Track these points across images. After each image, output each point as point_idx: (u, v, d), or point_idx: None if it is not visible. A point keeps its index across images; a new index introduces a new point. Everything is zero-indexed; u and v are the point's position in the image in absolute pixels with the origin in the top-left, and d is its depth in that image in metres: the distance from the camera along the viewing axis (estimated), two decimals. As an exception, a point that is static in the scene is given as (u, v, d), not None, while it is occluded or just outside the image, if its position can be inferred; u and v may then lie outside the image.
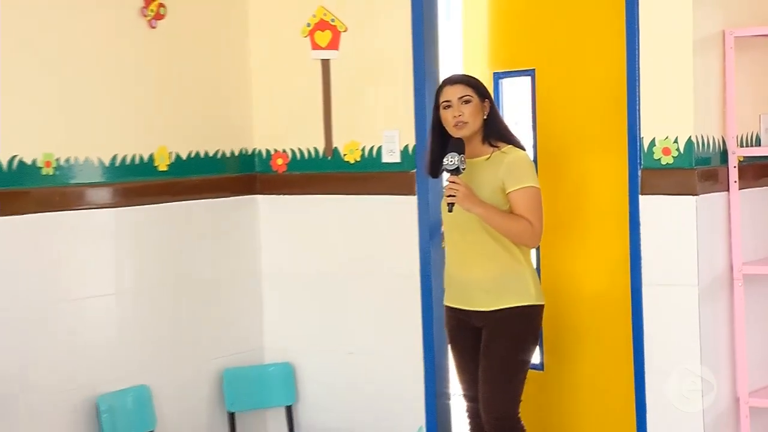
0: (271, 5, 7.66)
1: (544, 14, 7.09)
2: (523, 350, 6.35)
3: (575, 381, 7.01)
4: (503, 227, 6.15)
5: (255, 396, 7.63)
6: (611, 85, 6.72)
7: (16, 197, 6.33)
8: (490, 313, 6.26)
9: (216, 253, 7.58)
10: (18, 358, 6.35)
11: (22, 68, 6.40)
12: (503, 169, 6.19)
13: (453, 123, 6.19)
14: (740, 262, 6.59)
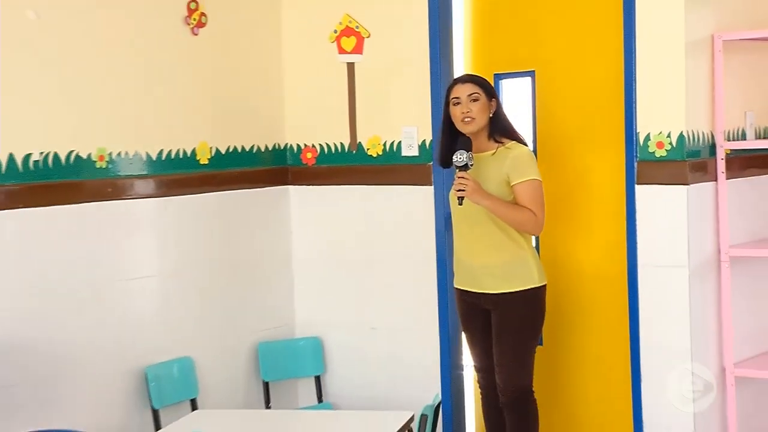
0: (301, 13, 7.66)
1: (543, 18, 7.09)
2: (531, 330, 6.42)
3: (574, 355, 7.05)
4: (509, 217, 6.19)
5: (287, 367, 7.67)
6: (608, 85, 6.74)
7: (73, 188, 6.39)
8: (498, 296, 6.31)
9: (251, 238, 7.61)
10: (77, 332, 6.41)
11: (78, 73, 6.43)
12: (508, 164, 6.24)
13: (461, 119, 6.24)
14: (727, 246, 6.65)
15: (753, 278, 6.95)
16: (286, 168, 7.83)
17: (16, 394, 5.98)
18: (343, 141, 7.63)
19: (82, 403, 6.41)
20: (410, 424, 5.88)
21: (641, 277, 6.61)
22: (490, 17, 7.29)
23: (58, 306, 6.36)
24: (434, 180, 7.22)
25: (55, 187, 6.32)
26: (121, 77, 6.68)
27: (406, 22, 7.28)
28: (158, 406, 6.73)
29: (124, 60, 6.70)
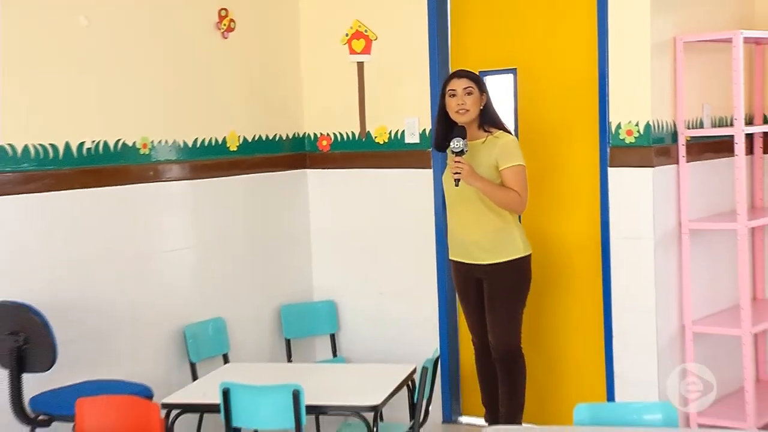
0: (317, 19, 7.71)
1: (524, 21, 7.14)
2: (519, 294, 6.51)
3: (555, 315, 7.13)
4: (497, 198, 6.28)
5: (306, 326, 7.74)
6: (583, 81, 6.84)
7: (120, 172, 6.50)
8: (488, 266, 6.40)
9: (274, 215, 7.66)
10: (125, 296, 6.53)
11: (124, 72, 6.53)
12: (497, 150, 6.32)
13: (456, 110, 6.33)
14: (687, 220, 6.78)
15: (709, 248, 7.03)
16: (305, 154, 7.86)
17: (75, 349, 6.03)
18: (353, 130, 7.68)
19: (130, 357, 6.52)
20: (413, 375, 5.97)
21: (613, 247, 6.71)
22: (475, 21, 7.30)
23: (109, 273, 6.47)
24: (433, 164, 7.28)
25: (104, 171, 6.43)
26: (161, 75, 6.78)
27: (408, 27, 7.34)
28: (195, 360, 6.84)
29: (164, 60, 6.80)
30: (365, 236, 7.71)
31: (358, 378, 6.29)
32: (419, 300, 7.50)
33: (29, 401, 5.74)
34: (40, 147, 6.08)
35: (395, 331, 7.59)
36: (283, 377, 5.69)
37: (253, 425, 5.65)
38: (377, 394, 5.63)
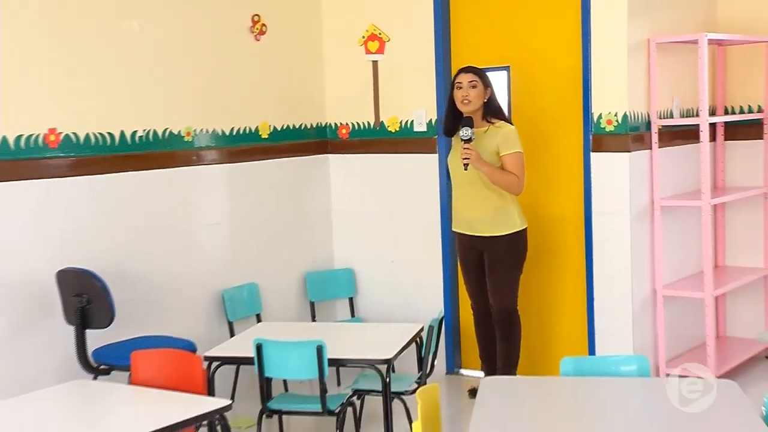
0: (337, 24, 7.70)
1: (517, 25, 7.12)
2: (516, 263, 6.59)
3: (545, 280, 7.14)
4: (499, 180, 6.36)
5: (328, 290, 7.76)
6: (569, 77, 6.88)
7: (167, 157, 6.59)
8: (489, 239, 6.48)
9: (300, 194, 7.67)
10: (172, 263, 6.64)
11: (170, 70, 6.60)
12: (499, 139, 6.39)
13: (461, 100, 6.41)
14: (659, 198, 6.87)
15: (677, 222, 7.12)
16: (326, 141, 7.87)
17: (130, 309, 6.14)
18: (369, 120, 7.68)
19: (177, 316, 6.62)
20: (420, 333, 6.01)
21: (594, 221, 6.79)
22: (474, 25, 7.29)
23: (158, 244, 6.57)
24: (438, 149, 7.29)
25: (153, 156, 6.51)
26: (202, 73, 6.84)
27: (417, 30, 7.35)
28: (232, 319, 6.92)
29: (205, 60, 6.86)
30: (379, 212, 7.71)
31: (373, 335, 6.36)
32: (426, 268, 7.52)
33: (92, 353, 5.86)
34: (99, 135, 6.17)
35: (405, 295, 7.60)
36: (308, 334, 5.76)
37: (282, 376, 5.80)
38: (389, 349, 5.68)
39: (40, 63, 5.88)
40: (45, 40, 5.91)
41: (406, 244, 7.64)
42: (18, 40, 5.75)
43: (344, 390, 6.19)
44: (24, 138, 5.79)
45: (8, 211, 5.75)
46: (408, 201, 7.53)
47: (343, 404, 5.70)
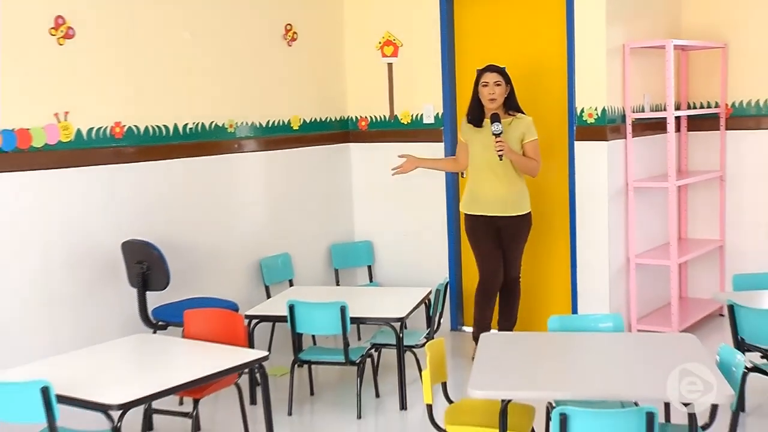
0: (357, 31, 7.67)
1: (510, 31, 7.09)
2: (525, 239, 6.56)
3: (534, 250, 7.03)
4: (524, 166, 6.31)
5: (349, 259, 7.74)
6: (556, 76, 6.88)
7: (213, 145, 6.62)
8: (509, 218, 6.39)
9: (325, 177, 7.65)
10: (218, 238, 6.68)
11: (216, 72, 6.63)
12: (523, 128, 6.32)
13: (488, 97, 6.29)
14: (632, 180, 6.91)
15: (647, 200, 7.16)
16: (348, 132, 7.84)
17: (183, 274, 6.19)
18: (385, 114, 7.66)
19: (222, 281, 6.67)
20: (429, 296, 6.08)
21: (577, 200, 6.84)
22: (474, 32, 7.25)
23: (206, 219, 6.61)
24: (444, 139, 7.30)
25: (202, 145, 6.55)
26: (243, 74, 6.86)
27: (426, 37, 7.33)
28: (268, 283, 6.95)
29: (245, 63, 6.88)
30: (393, 192, 7.66)
31: (388, 297, 6.41)
32: (433, 240, 7.53)
33: (152, 312, 5.94)
34: (157, 127, 6.22)
35: (416, 263, 7.59)
36: (333, 297, 5.78)
37: (311, 331, 5.83)
38: (402, 309, 5.77)
39: (108, 68, 5.94)
40: (113, 49, 5.97)
41: (416, 220, 7.63)
42: (90, 51, 5.81)
43: (364, 344, 6.20)
44: (95, 130, 5.84)
45: (82, 192, 5.81)
46: (418, 183, 7.44)
47: (362, 356, 5.78)
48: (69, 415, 4.21)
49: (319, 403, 6.03)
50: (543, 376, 4.15)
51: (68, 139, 5.70)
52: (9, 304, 5.47)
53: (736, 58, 7.40)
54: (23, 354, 5.23)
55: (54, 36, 5.62)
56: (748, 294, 5.34)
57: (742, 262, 7.32)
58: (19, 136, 5.45)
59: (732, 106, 7.47)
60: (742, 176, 7.49)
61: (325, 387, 6.30)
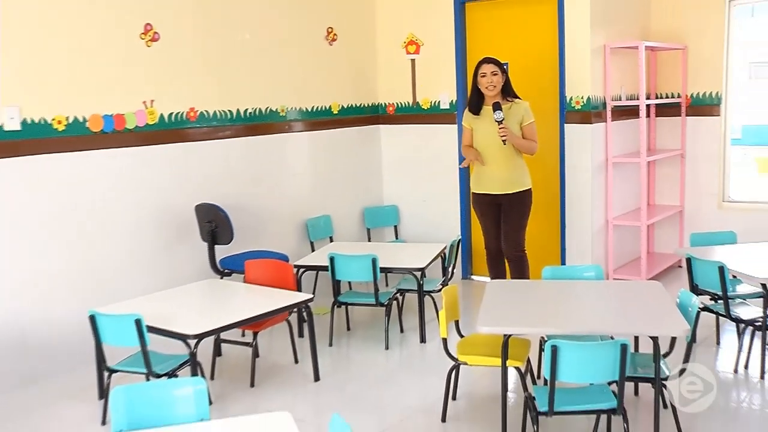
0: (387, 33, 7.62)
1: (511, 32, 7.01)
2: (526, 214, 6.04)
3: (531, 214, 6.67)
4: (525, 147, 5.88)
5: (379, 220, 7.74)
6: (549, 70, 6.83)
7: (268, 127, 6.67)
8: (508, 195, 5.93)
9: (360, 152, 7.63)
10: (272, 202, 6.72)
11: (271, 66, 6.65)
12: (522, 112, 5.88)
13: (486, 86, 5.84)
14: (611, 156, 6.91)
15: (623, 173, 7.14)
16: (378, 115, 7.78)
17: (244, 231, 6.29)
18: (408, 100, 7.62)
19: (275, 237, 6.73)
20: (444, 250, 6.09)
21: (567, 172, 6.84)
22: (482, 33, 7.18)
23: (263, 186, 6.65)
24: (457, 122, 7.21)
25: (259, 126, 6.59)
26: (292, 69, 6.87)
27: (442, 37, 7.30)
28: (313, 239, 7.00)
29: (294, 60, 6.89)
30: (415, 165, 7.67)
31: (411, 251, 6.40)
32: (448, 204, 7.51)
33: (219, 261, 6.02)
34: (222, 112, 6.27)
35: (433, 224, 7.59)
36: (366, 250, 5.83)
37: (347, 278, 5.87)
38: (422, 261, 5.81)
39: (184, 64, 6.01)
40: (189, 49, 6.04)
41: (434, 187, 7.61)
42: (171, 51, 5.88)
43: (391, 289, 6.24)
44: (174, 114, 5.92)
45: (163, 164, 5.89)
46: (435, 157, 7.48)
47: (390, 299, 5.82)
48: (156, 341, 4.35)
49: (354, 336, 6.06)
50: (538, 316, 4.20)
51: (153, 122, 5.78)
52: (109, 256, 5.60)
53: (695, 57, 7.38)
54: (121, 293, 5.40)
55: (143, 39, 5.71)
56: (702, 249, 5.40)
57: (697, 224, 7.34)
58: (116, 120, 5.56)
59: (691, 96, 7.44)
60: (698, 154, 7.49)
61: (359, 324, 6.33)
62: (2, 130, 4.97)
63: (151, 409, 2.82)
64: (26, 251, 5.14)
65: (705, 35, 7.31)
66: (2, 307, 5.04)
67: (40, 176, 5.19)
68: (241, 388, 4.99)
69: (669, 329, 3.81)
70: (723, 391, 4.73)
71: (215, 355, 5.36)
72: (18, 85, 5.04)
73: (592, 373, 3.61)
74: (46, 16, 5.16)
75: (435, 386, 4.80)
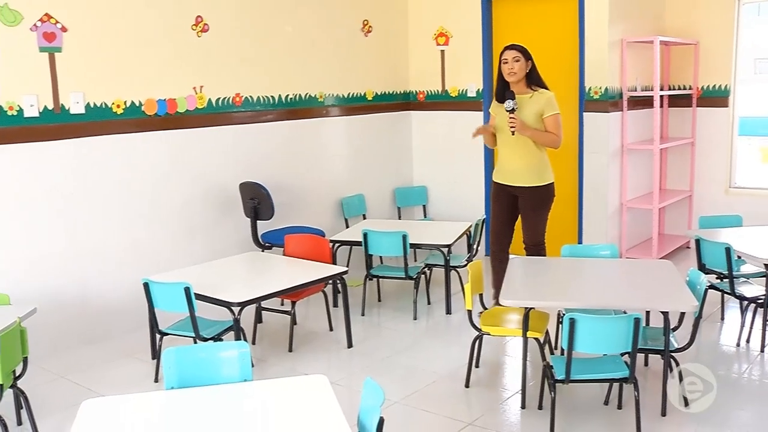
0: (418, 25, 7.59)
1: (534, 27, 6.95)
2: (545, 208, 5.47)
3: None
4: (541, 140, 5.28)
5: (409, 200, 7.70)
6: (570, 62, 6.78)
7: (307, 111, 6.68)
8: (527, 188, 5.37)
9: (392, 136, 7.57)
10: (310, 182, 6.73)
11: (310, 56, 6.63)
12: (543, 102, 5.27)
13: (507, 73, 5.31)
14: (627, 143, 6.86)
15: (637, 159, 7.08)
16: (410, 102, 7.75)
17: (284, 208, 6.33)
18: (438, 88, 7.58)
19: (313, 213, 6.74)
20: (470, 228, 6.09)
21: (585, 158, 6.79)
22: (507, 26, 7.13)
23: (302, 167, 6.67)
24: (483, 109, 7.18)
25: (299, 111, 6.60)
26: (330, 58, 6.86)
27: (470, 29, 7.25)
28: (347, 216, 7.01)
29: (332, 50, 6.88)
30: (443, 148, 7.64)
31: (439, 229, 6.34)
32: (473, 185, 7.48)
33: (261, 236, 6.05)
34: (266, 97, 6.29)
35: (459, 203, 7.56)
36: (396, 227, 5.83)
37: (379, 253, 5.81)
38: (449, 238, 5.82)
39: (231, 53, 6.02)
40: (236, 40, 6.05)
41: (460, 170, 7.58)
42: (219, 41, 5.89)
43: (419, 264, 6.20)
44: (221, 99, 5.94)
45: (211, 145, 5.93)
46: (462, 141, 7.33)
47: (418, 273, 5.82)
48: (203, 308, 4.40)
49: (384, 307, 6.06)
50: (556, 290, 4.20)
51: (202, 106, 5.81)
52: (162, 229, 5.68)
53: (706, 52, 7.27)
54: (172, 263, 5.51)
55: (194, 30, 5.74)
56: (710, 231, 5.36)
57: (705, 208, 7.27)
58: (169, 104, 5.60)
59: (702, 89, 7.34)
60: (708, 143, 7.40)
61: (389, 295, 6.32)
62: (69, 113, 5.05)
63: (199, 370, 2.86)
64: (88, 224, 5.22)
65: (715, 32, 7.21)
66: (66, 275, 5.13)
67: (101, 155, 5.26)
68: (280, 352, 5.03)
69: (679, 305, 3.79)
70: (726, 364, 4.72)
71: (256, 321, 5.40)
72: (83, 72, 5.11)
73: (607, 344, 3.61)
74: (108, 11, 5.22)
75: (459, 354, 4.83)
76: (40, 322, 4.51)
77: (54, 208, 5.04)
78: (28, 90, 4.83)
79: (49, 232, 5.03)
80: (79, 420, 2.50)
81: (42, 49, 4.88)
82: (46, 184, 4.98)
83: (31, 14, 4.82)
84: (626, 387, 4.01)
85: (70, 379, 4.64)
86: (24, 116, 4.82)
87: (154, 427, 2.51)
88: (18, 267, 4.88)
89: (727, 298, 5.50)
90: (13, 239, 4.86)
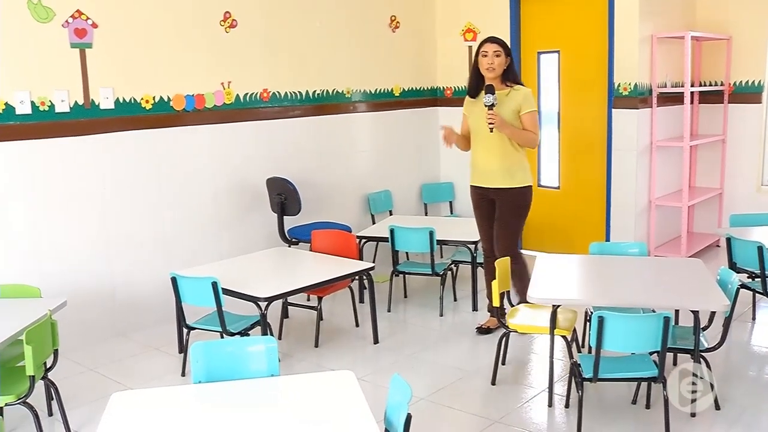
0: (446, 21, 7.58)
1: (564, 21, 6.94)
2: (523, 215, 5.09)
3: (580, 192, 7.04)
4: (520, 138, 4.89)
5: (436, 196, 7.67)
6: (599, 58, 6.74)
7: (335, 107, 6.68)
8: (502, 190, 5.00)
9: (419, 132, 7.54)
10: (337, 178, 6.74)
11: (337, 53, 6.63)
12: (520, 99, 4.90)
13: (485, 67, 4.93)
14: (656, 140, 6.79)
15: (667, 156, 7.02)
16: (437, 98, 7.73)
17: (311, 204, 6.34)
18: (465, 84, 7.25)
19: (339, 209, 6.75)
20: None
21: (613, 155, 6.74)
22: (535, 22, 7.11)
23: (329, 162, 6.68)
24: None
25: (326, 107, 6.61)
26: (357, 53, 6.86)
27: (498, 25, 7.17)
28: (374, 212, 7.03)
29: (359, 45, 6.87)
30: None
31: (465, 225, 6.27)
32: None
33: (288, 231, 6.06)
34: (293, 93, 6.30)
35: None
36: (423, 224, 5.86)
37: (405, 249, 5.82)
38: (476, 235, 5.62)
39: (259, 49, 6.04)
40: (263, 36, 6.07)
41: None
42: (247, 37, 5.91)
43: (445, 260, 6.21)
44: (249, 95, 5.97)
45: (238, 141, 5.96)
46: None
47: (444, 269, 5.81)
48: (230, 302, 4.42)
49: (410, 303, 6.06)
50: (584, 288, 4.19)
51: (230, 102, 5.84)
52: (189, 224, 5.71)
53: (738, 47, 7.18)
54: (200, 258, 5.56)
55: (222, 26, 5.77)
56: (740, 230, 5.31)
57: (736, 206, 7.22)
58: (197, 100, 5.64)
59: (734, 85, 7.26)
60: (739, 140, 7.31)
61: (416, 292, 6.32)
62: (99, 108, 5.10)
63: (227, 364, 2.87)
64: (116, 218, 5.27)
65: (748, 27, 7.12)
66: (96, 269, 5.19)
67: (130, 150, 5.31)
68: (306, 348, 5.04)
69: (710, 304, 3.76)
70: (757, 364, 4.66)
71: (283, 316, 5.41)
72: (112, 68, 5.15)
73: (635, 343, 3.58)
74: (137, 7, 5.26)
75: (486, 351, 4.83)
76: (69, 315, 4.55)
77: (84, 203, 5.09)
78: (59, 85, 4.89)
79: (79, 226, 5.08)
80: (109, 412, 2.53)
81: (73, 45, 4.93)
82: (75, 179, 5.04)
83: (62, 11, 4.87)
84: (654, 386, 3.97)
85: (99, 372, 4.70)
86: (55, 111, 4.87)
87: (183, 421, 2.53)
88: (48, 261, 4.93)
89: (758, 298, 5.44)
90: (43, 233, 4.91)
